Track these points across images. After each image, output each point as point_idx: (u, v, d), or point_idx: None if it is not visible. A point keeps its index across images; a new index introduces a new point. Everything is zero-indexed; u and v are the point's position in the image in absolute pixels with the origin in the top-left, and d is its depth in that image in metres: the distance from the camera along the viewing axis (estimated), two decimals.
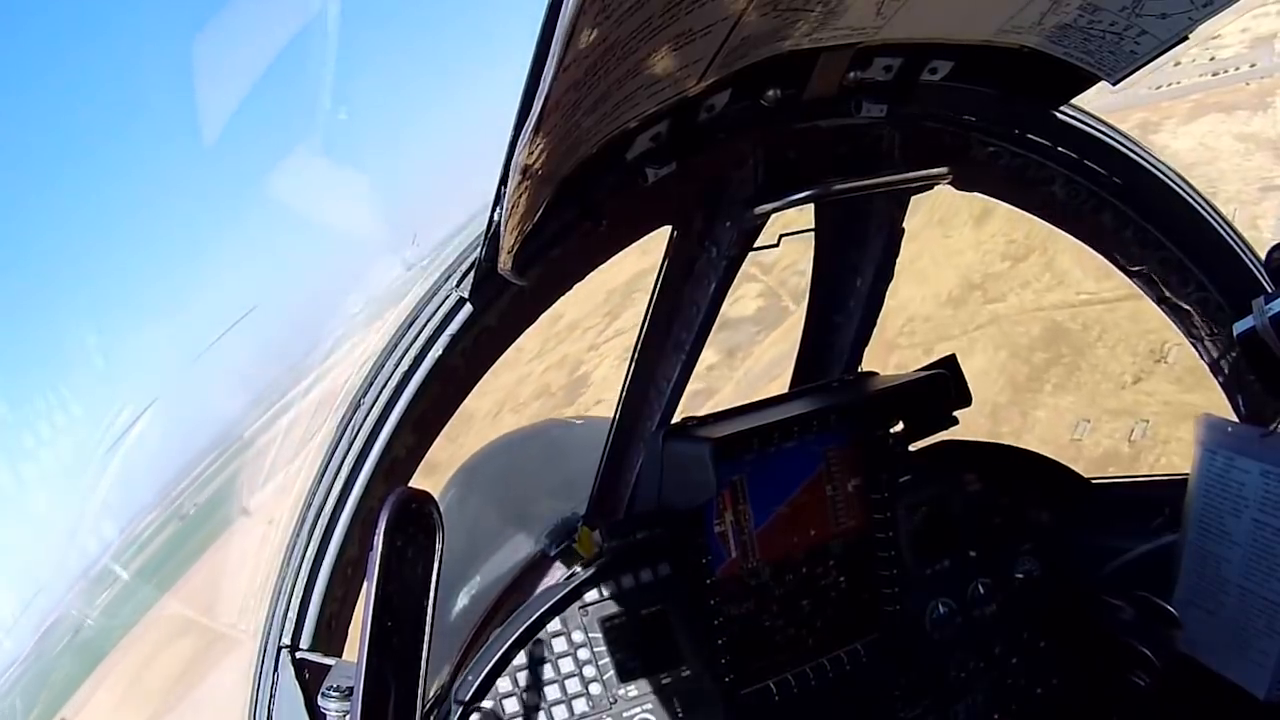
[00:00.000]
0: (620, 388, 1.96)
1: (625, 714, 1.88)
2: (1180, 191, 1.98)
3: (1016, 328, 10.10)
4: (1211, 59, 14.01)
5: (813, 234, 2.08)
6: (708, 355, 1.99)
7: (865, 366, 2.28)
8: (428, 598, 1.39)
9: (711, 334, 1.84)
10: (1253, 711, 1.86)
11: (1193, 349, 2.18)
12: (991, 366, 9.50)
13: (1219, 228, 2.00)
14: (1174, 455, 6.85)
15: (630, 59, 1.04)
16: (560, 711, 1.84)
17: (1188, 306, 2.08)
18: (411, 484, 1.82)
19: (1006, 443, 2.40)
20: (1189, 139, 12.07)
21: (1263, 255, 1.93)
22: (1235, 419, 2.04)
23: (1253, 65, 13.45)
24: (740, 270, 1.75)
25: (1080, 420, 8.09)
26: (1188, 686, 1.98)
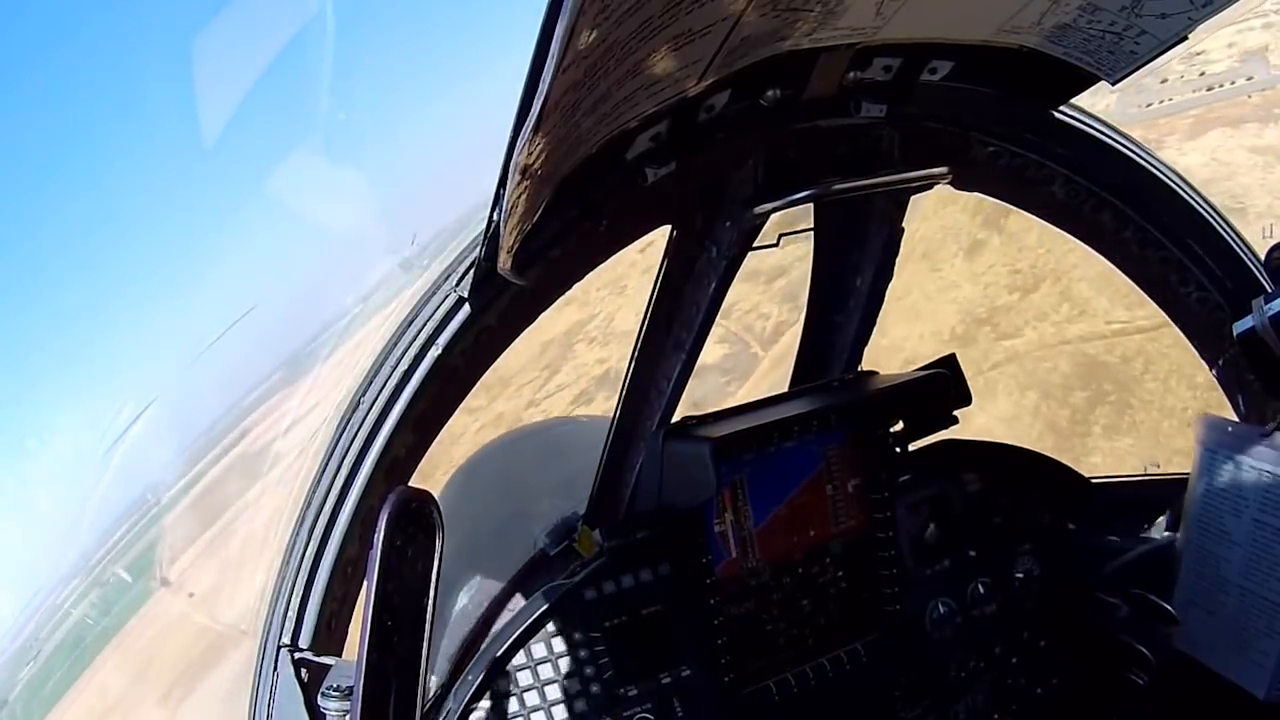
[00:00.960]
0: (620, 388, 1.96)
1: (625, 714, 1.88)
2: (1180, 191, 1.98)
3: (1042, 364, 9.45)
4: (1201, 74, 13.91)
5: (812, 234, 2.08)
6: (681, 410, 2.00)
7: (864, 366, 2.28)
8: (428, 598, 1.39)
9: None
10: (1252, 711, 1.86)
11: (1192, 349, 2.18)
12: (1022, 410, 8.75)
13: (1219, 228, 2.00)
14: None
15: (630, 59, 1.04)
16: (560, 711, 1.84)
17: (1188, 306, 2.07)
18: (411, 484, 1.82)
19: (1006, 442, 2.40)
20: (1199, 154, 11.88)
21: (1262, 255, 1.93)
22: (1235, 419, 2.04)
23: (1250, 78, 13.39)
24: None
25: (1148, 465, 7.37)
26: (1187, 686, 1.98)
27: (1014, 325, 10.44)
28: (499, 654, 1.81)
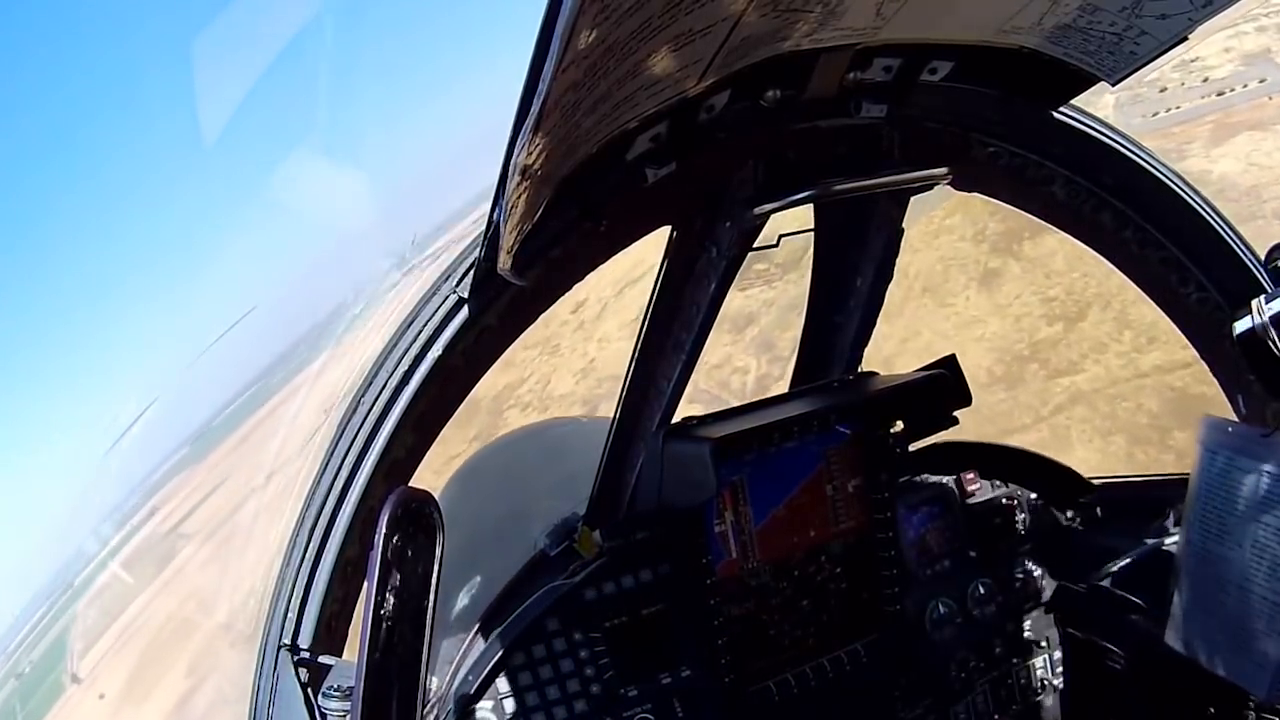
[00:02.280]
0: (620, 388, 1.96)
1: (625, 714, 1.88)
2: (1180, 192, 1.97)
3: (1120, 404, 7.99)
4: (1205, 80, 13.62)
5: (812, 234, 2.08)
6: None
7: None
8: (428, 598, 1.38)
9: None
10: (1242, 705, 1.86)
11: (1192, 348, 2.18)
12: (1110, 458, 7.32)
13: (1219, 228, 2.00)
14: None
15: (630, 59, 1.04)
16: (560, 711, 1.84)
17: (1188, 306, 2.07)
18: (411, 484, 1.82)
19: (1006, 443, 2.40)
20: (1233, 161, 11.36)
21: (1263, 255, 1.93)
22: (1235, 419, 2.04)
23: (1262, 80, 13.03)
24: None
25: None
26: (1186, 685, 1.98)
27: (1068, 360, 9.01)
28: (499, 654, 1.81)
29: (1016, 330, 10.02)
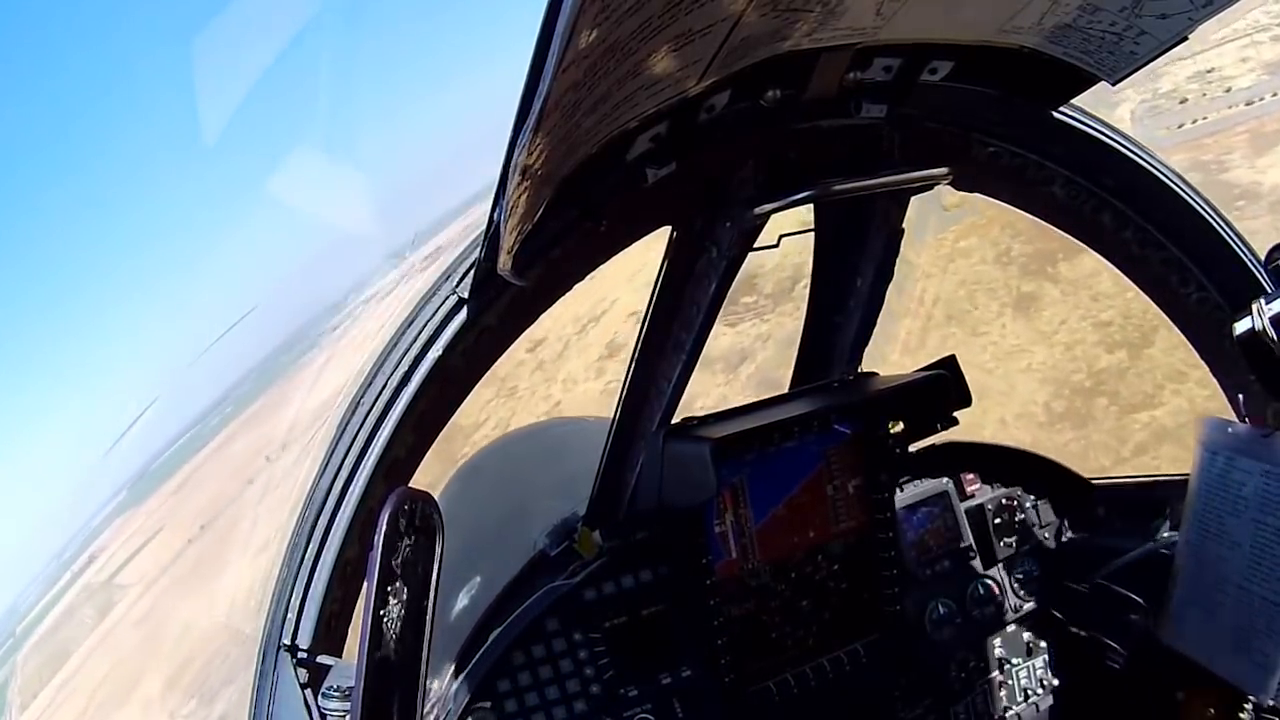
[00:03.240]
0: (620, 388, 1.96)
1: (625, 714, 1.88)
2: (1180, 191, 1.98)
3: None
4: (1228, 90, 13.17)
5: (813, 234, 2.08)
6: None
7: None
8: (428, 598, 1.38)
9: None
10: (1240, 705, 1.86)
11: (1192, 348, 2.18)
12: None
13: (1219, 228, 2.00)
14: None
15: (630, 59, 1.04)
16: (560, 711, 1.84)
17: (1188, 306, 2.07)
18: (411, 484, 1.82)
19: (1006, 443, 2.40)
20: None
21: (1263, 255, 1.92)
22: (1235, 419, 2.04)
23: None
24: None
25: None
26: (1185, 685, 1.98)
27: (1141, 392, 7.88)
28: (499, 654, 1.81)
29: (1070, 360, 8.84)
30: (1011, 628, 2.29)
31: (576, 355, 16.72)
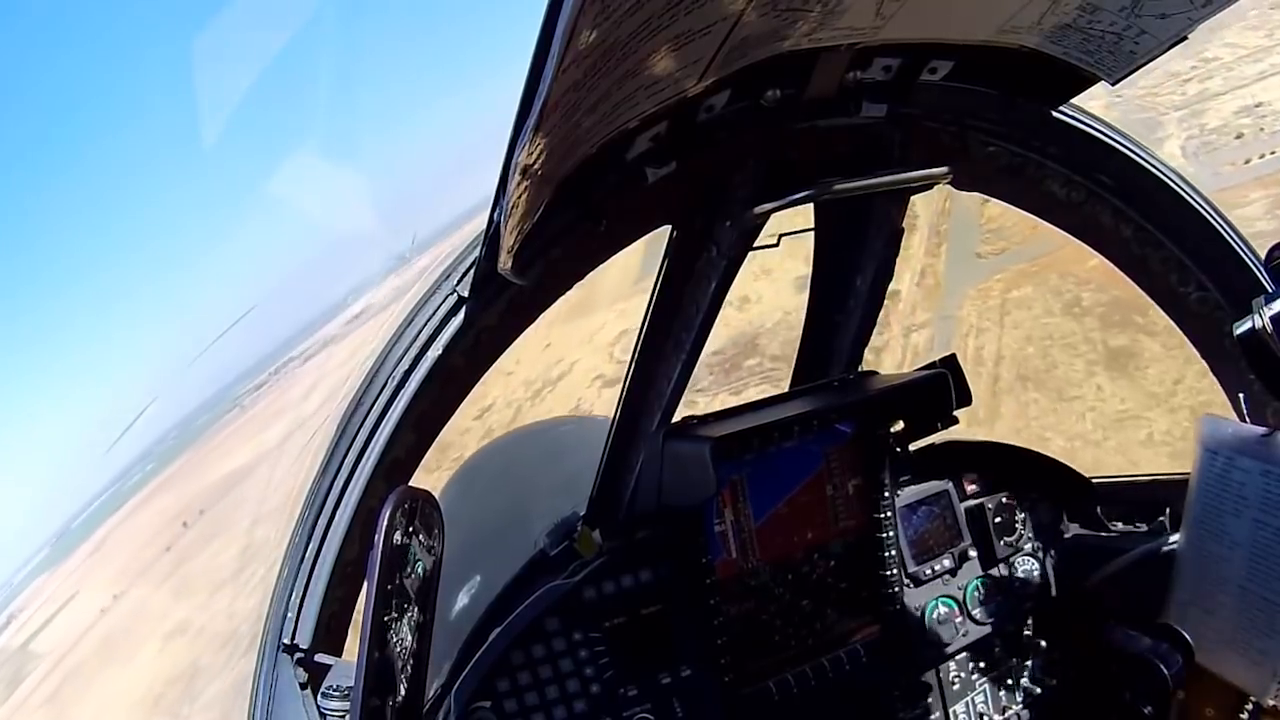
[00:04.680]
0: (620, 388, 1.96)
1: (625, 714, 1.88)
2: (1180, 191, 1.98)
3: None
4: None
5: (813, 234, 2.08)
6: None
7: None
8: (428, 598, 1.39)
9: None
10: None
11: (1192, 348, 2.18)
12: None
13: (1219, 228, 2.00)
14: None
15: (630, 59, 1.04)
16: (560, 711, 1.84)
17: (1188, 306, 2.07)
18: (411, 483, 1.82)
19: (1006, 442, 2.40)
20: None
21: (1263, 255, 1.92)
22: (1235, 419, 2.04)
23: None
24: None
25: None
26: (1185, 685, 1.97)
27: None
28: (499, 654, 1.81)
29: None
30: (1011, 628, 2.29)
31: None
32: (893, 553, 2.13)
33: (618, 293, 16.78)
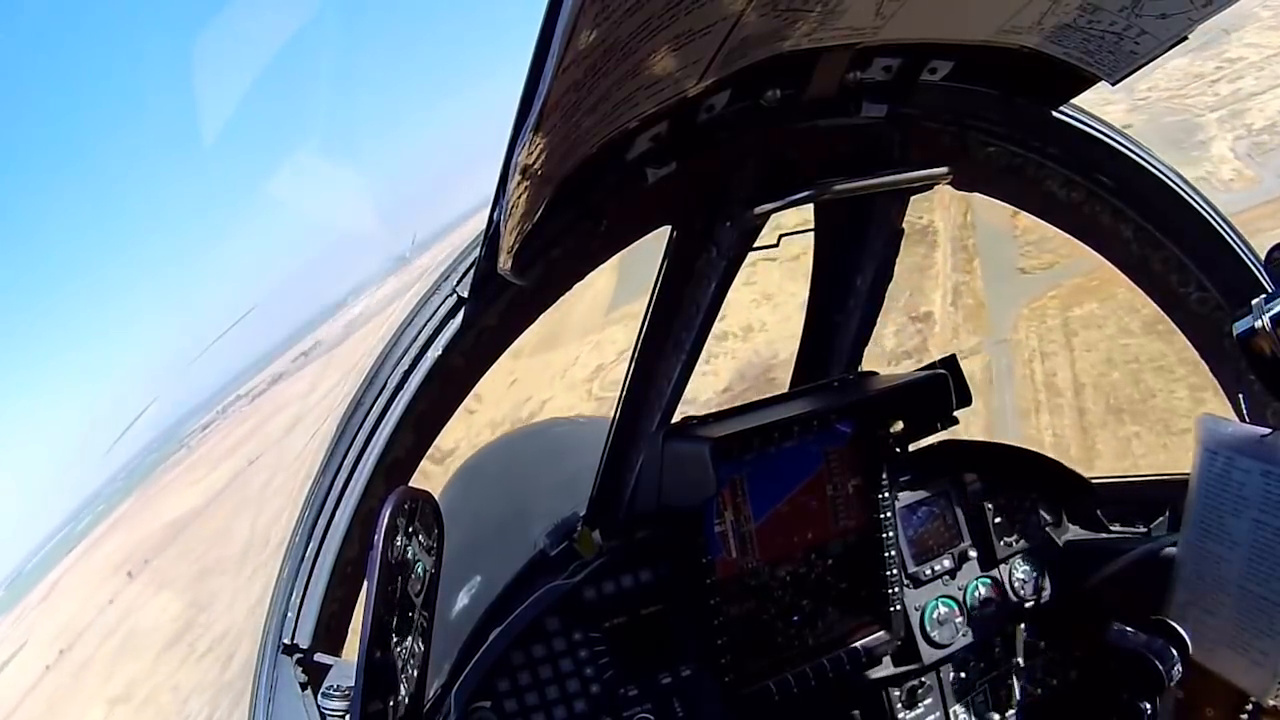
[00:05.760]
0: (620, 388, 1.96)
1: (625, 714, 1.88)
2: (1180, 191, 1.98)
3: None
4: None
5: (813, 234, 2.08)
6: None
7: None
8: (428, 597, 1.39)
9: None
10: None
11: (1192, 348, 2.19)
12: None
13: (1219, 228, 2.00)
14: None
15: (630, 59, 1.04)
16: (560, 711, 1.84)
17: (1188, 306, 2.08)
18: (411, 484, 1.82)
19: (1006, 442, 2.40)
20: None
21: (1263, 255, 1.93)
22: (1235, 419, 2.04)
23: None
24: None
25: None
26: (1184, 685, 1.98)
27: None
28: (499, 654, 1.81)
29: None
30: (1011, 628, 2.29)
31: None
32: (893, 553, 2.13)
33: (590, 323, 15.68)
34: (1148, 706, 1.90)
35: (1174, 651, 1.86)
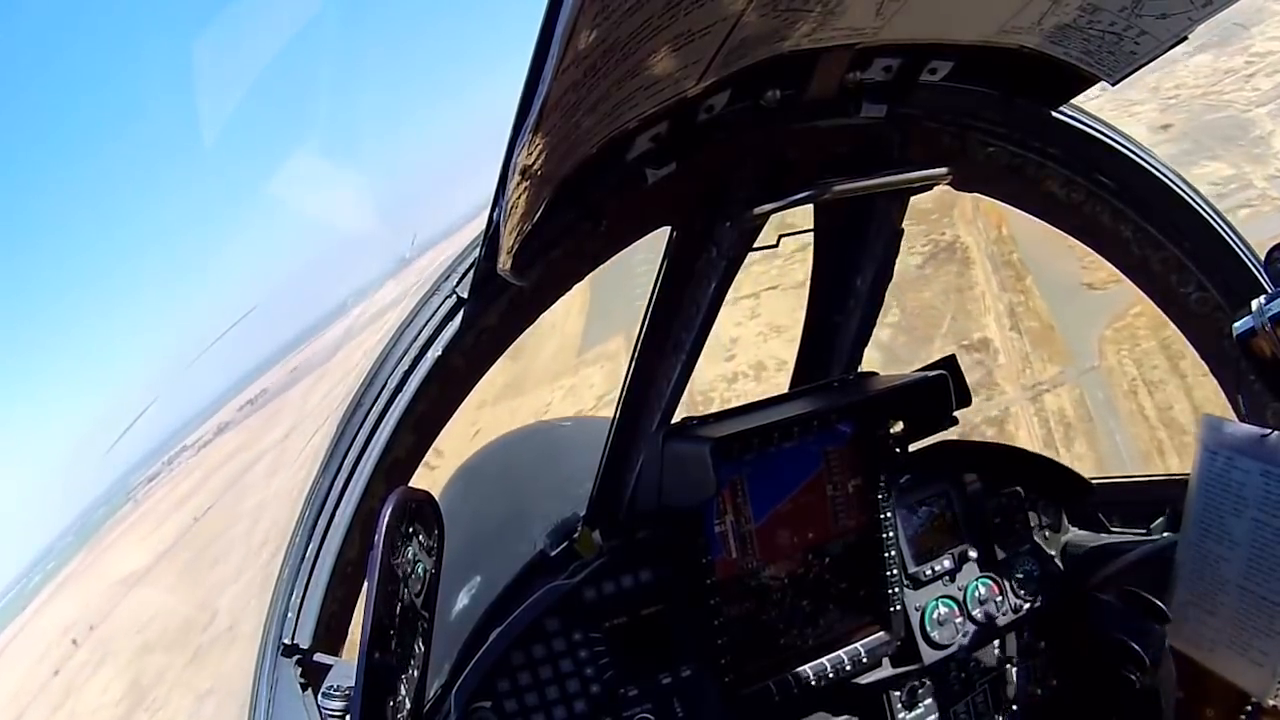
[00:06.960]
0: (620, 388, 1.96)
1: (625, 714, 1.88)
2: (1180, 191, 1.98)
3: None
4: None
5: (812, 234, 2.08)
6: None
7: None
8: (428, 598, 1.39)
9: None
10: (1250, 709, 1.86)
11: (1192, 349, 2.19)
12: None
13: (1219, 228, 2.00)
14: None
15: (630, 60, 1.04)
16: (560, 711, 1.84)
17: (1188, 306, 2.08)
18: (411, 483, 1.82)
19: (1006, 443, 2.40)
20: None
21: (1262, 255, 1.93)
22: (1235, 419, 2.04)
23: None
24: None
25: None
26: (1184, 685, 1.98)
27: None
28: (499, 654, 1.81)
29: None
30: (1011, 628, 2.29)
31: None
32: (893, 553, 2.13)
33: (561, 366, 14.58)
34: (1138, 675, 1.92)
35: (1153, 624, 1.87)
